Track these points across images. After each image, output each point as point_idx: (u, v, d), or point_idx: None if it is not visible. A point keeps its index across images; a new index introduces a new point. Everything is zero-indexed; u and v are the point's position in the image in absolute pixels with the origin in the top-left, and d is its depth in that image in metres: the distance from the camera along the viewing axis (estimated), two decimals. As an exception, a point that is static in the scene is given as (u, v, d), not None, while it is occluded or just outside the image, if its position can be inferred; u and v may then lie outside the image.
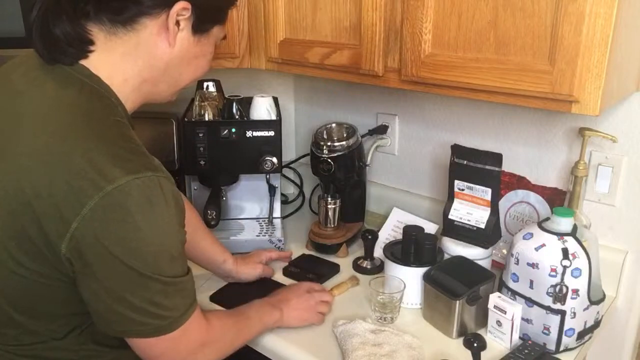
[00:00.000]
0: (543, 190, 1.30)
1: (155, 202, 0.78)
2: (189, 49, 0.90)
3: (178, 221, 0.84)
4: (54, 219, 0.75)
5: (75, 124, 0.79)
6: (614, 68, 0.90)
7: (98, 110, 0.82)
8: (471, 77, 1.01)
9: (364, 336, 1.09)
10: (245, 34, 1.40)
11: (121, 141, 0.80)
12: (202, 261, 1.30)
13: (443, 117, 1.47)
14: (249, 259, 1.35)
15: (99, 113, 0.81)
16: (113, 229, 0.76)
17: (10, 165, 0.78)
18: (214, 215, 1.41)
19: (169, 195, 0.81)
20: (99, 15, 0.82)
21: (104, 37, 0.84)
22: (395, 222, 1.50)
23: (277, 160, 1.41)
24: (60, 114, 0.80)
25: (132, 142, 0.81)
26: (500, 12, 0.96)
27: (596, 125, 1.19)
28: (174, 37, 0.86)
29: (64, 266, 0.79)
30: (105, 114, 0.82)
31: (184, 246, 0.87)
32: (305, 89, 1.82)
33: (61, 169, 0.75)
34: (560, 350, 1.07)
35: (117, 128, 0.82)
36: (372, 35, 1.14)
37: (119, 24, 0.83)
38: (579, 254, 1.02)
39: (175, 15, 0.84)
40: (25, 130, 0.80)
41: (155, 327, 0.84)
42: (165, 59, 0.88)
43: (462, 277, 1.14)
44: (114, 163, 0.76)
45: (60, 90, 0.82)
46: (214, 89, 1.49)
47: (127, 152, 0.79)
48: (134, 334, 0.85)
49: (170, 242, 0.83)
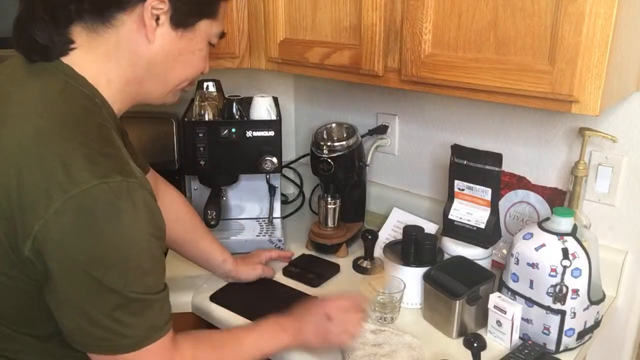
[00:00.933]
0: (543, 190, 1.30)
1: (122, 208, 0.74)
2: (171, 44, 0.86)
3: (150, 231, 0.78)
4: (20, 221, 0.73)
5: (53, 126, 0.76)
6: (614, 68, 0.90)
7: (78, 112, 0.80)
8: (471, 77, 1.01)
9: (364, 336, 1.09)
10: (245, 34, 1.40)
11: (97, 144, 0.77)
12: (202, 261, 1.30)
13: (443, 117, 1.47)
14: (249, 259, 1.35)
15: (78, 115, 0.79)
16: (75, 233, 0.72)
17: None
18: (214, 215, 1.41)
19: (139, 201, 0.76)
20: (80, 14, 0.80)
21: (86, 35, 0.82)
22: (395, 222, 1.50)
23: (277, 160, 1.41)
24: (40, 115, 0.78)
25: (108, 146, 0.78)
26: (500, 12, 0.96)
27: (596, 125, 1.19)
28: (152, 33, 0.83)
29: (30, 270, 0.76)
30: (84, 116, 0.80)
31: (161, 260, 0.82)
32: (305, 89, 1.82)
33: (33, 171, 0.73)
34: (560, 350, 1.07)
35: (97, 131, 0.79)
36: (372, 35, 1.14)
37: (98, 21, 0.81)
38: (579, 254, 1.02)
39: (150, 8, 0.81)
40: (6, 132, 0.78)
41: (114, 345, 0.78)
42: (146, 56, 0.85)
43: (462, 277, 1.14)
44: (85, 166, 0.73)
45: (43, 92, 0.80)
46: (214, 89, 1.50)
47: (100, 155, 0.76)
48: (93, 349, 0.80)
49: (138, 252, 0.77)
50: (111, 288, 0.75)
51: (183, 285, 1.33)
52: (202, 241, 1.28)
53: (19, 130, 0.77)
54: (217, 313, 1.24)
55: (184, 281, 1.35)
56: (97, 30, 0.82)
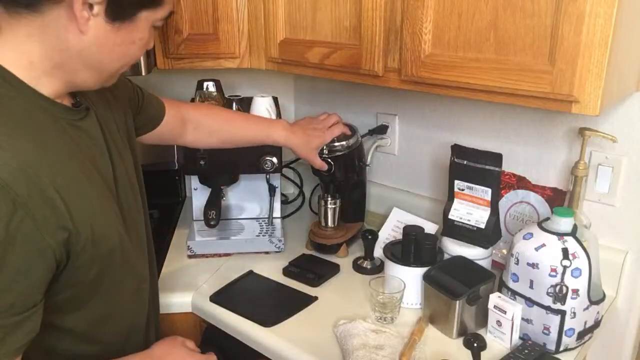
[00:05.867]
0: (543, 190, 1.30)
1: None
2: (107, 36, 0.80)
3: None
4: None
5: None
6: (614, 68, 0.90)
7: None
8: (471, 77, 1.01)
9: (364, 336, 1.09)
10: (245, 34, 1.40)
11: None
12: (254, 144, 1.35)
13: (443, 117, 1.47)
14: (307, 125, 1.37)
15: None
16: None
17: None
18: (214, 215, 1.42)
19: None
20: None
21: (8, 16, 0.77)
22: (395, 222, 1.50)
23: (277, 160, 1.41)
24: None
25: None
26: (500, 12, 0.96)
27: (596, 125, 1.19)
28: (84, 24, 0.77)
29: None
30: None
31: (15, 278, 0.72)
32: (305, 89, 1.82)
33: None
34: (560, 350, 1.07)
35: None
36: (372, 35, 1.14)
37: (21, 5, 0.76)
38: (579, 254, 1.02)
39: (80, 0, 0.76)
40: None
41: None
42: (77, 46, 0.79)
43: (462, 277, 1.14)
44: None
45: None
46: (214, 89, 1.50)
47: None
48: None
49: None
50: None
51: (183, 285, 1.33)
52: (246, 133, 1.33)
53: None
54: (217, 313, 1.24)
55: (184, 281, 1.35)
56: (20, 13, 0.76)
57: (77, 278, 0.82)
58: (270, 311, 1.23)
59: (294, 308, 1.23)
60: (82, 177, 0.82)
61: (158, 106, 1.19)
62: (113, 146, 0.95)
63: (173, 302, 1.29)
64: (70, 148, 0.83)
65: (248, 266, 1.40)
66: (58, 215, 0.75)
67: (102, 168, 0.90)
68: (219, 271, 1.39)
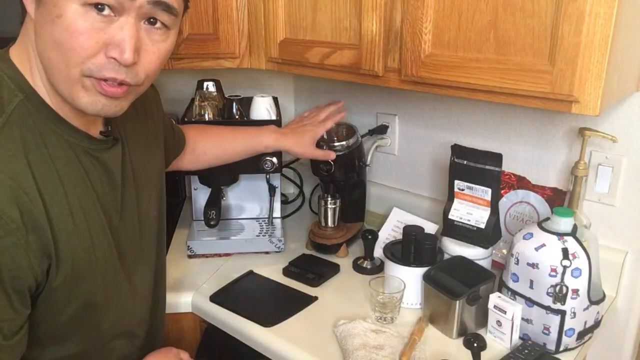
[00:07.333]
0: (543, 190, 1.30)
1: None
2: (37, 19, 0.73)
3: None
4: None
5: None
6: (614, 68, 0.90)
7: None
8: (471, 77, 1.01)
9: (364, 336, 1.09)
10: (245, 34, 1.40)
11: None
12: (249, 155, 1.34)
13: (443, 117, 1.47)
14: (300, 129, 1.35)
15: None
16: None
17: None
18: (214, 215, 1.42)
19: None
20: None
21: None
22: (395, 222, 1.50)
23: (277, 160, 1.41)
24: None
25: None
26: (500, 12, 0.96)
27: (596, 125, 1.19)
28: (30, 4, 0.73)
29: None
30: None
31: None
32: (305, 89, 1.82)
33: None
34: (560, 350, 1.07)
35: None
36: (372, 35, 1.14)
37: None
38: (579, 254, 1.02)
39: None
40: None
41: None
42: (34, 42, 0.75)
43: (462, 277, 1.14)
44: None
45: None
46: (214, 89, 1.50)
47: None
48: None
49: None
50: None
51: (183, 285, 1.33)
52: (236, 145, 1.32)
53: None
54: (217, 313, 1.24)
55: (184, 281, 1.35)
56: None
57: (51, 312, 0.79)
58: (270, 311, 1.23)
59: (294, 308, 1.23)
60: (77, 211, 0.79)
61: (180, 139, 1.20)
62: (131, 183, 0.92)
63: (173, 302, 1.29)
64: (75, 178, 0.79)
65: (248, 266, 1.41)
66: (44, 242, 0.74)
67: (107, 204, 0.86)
68: (219, 271, 1.40)
